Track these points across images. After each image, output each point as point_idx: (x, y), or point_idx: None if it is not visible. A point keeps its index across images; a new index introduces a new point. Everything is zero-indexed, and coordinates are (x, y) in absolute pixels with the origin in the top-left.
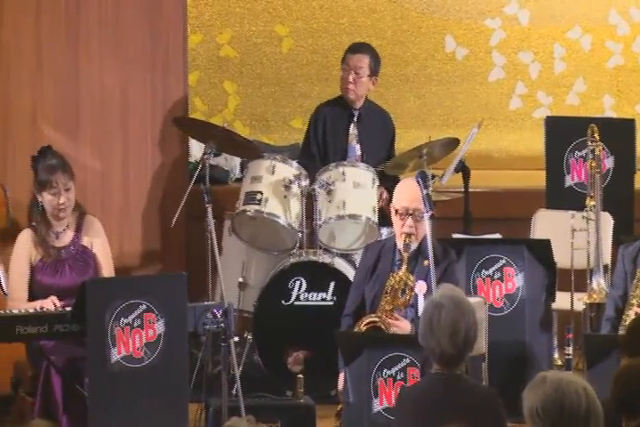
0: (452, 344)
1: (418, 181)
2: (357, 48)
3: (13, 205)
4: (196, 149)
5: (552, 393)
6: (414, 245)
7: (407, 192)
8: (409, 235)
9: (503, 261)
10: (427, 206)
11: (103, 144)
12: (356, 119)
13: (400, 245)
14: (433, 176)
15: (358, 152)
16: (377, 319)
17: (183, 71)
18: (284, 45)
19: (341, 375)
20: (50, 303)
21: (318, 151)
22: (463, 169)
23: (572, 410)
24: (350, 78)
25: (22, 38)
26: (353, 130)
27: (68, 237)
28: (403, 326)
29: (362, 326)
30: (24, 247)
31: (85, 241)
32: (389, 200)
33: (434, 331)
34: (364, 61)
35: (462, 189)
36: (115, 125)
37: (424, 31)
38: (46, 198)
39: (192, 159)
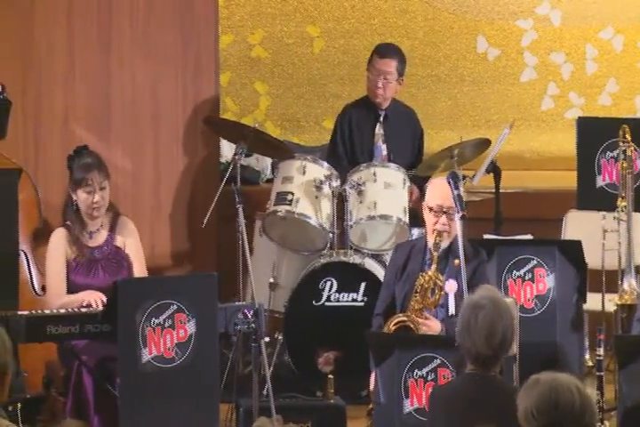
0: (487, 346)
1: (449, 182)
2: (385, 52)
3: (45, 205)
4: (227, 149)
5: (546, 393)
6: (445, 244)
7: (441, 190)
8: (440, 233)
9: (534, 262)
10: (458, 207)
11: (134, 145)
12: (382, 119)
13: (430, 244)
14: (464, 177)
15: (384, 152)
16: (406, 319)
17: (214, 72)
18: (315, 46)
19: (372, 376)
20: (96, 297)
21: (345, 152)
22: (494, 170)
23: (567, 407)
24: (379, 84)
25: (54, 40)
26: (379, 130)
27: (101, 238)
28: (433, 326)
29: (391, 326)
30: (59, 245)
31: (119, 241)
32: (421, 198)
33: (470, 331)
34: (391, 66)
35: (493, 190)
36: (146, 126)
37: (456, 32)
38: (81, 197)
39: (223, 160)
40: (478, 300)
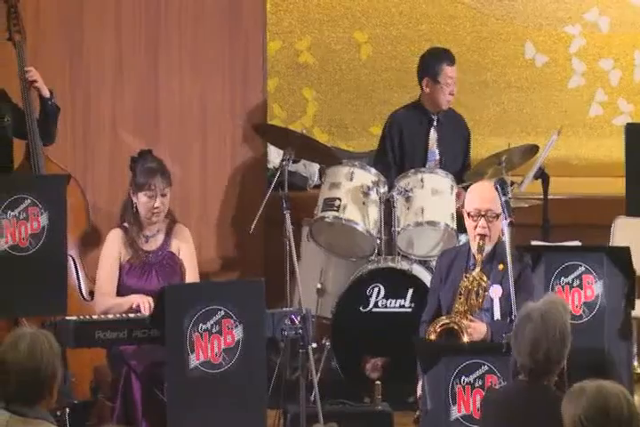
0: (530, 360)
1: (496, 188)
2: (453, 59)
3: (92, 210)
4: (275, 155)
5: (594, 400)
6: (488, 248)
7: (478, 194)
8: (482, 237)
9: (582, 269)
10: (505, 213)
11: (182, 151)
12: (435, 123)
13: (474, 248)
14: (512, 183)
15: (437, 156)
16: (449, 321)
17: (262, 78)
18: (362, 52)
19: (419, 382)
20: (144, 301)
21: (394, 158)
22: (542, 176)
23: (617, 414)
24: (453, 91)
25: (103, 48)
26: (433, 134)
27: (157, 242)
28: (478, 327)
29: (436, 328)
30: (113, 245)
31: (174, 247)
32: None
33: (517, 341)
34: (456, 71)
35: (541, 196)
36: (193, 132)
37: (504, 38)
38: (141, 200)
39: (271, 166)
40: (530, 311)
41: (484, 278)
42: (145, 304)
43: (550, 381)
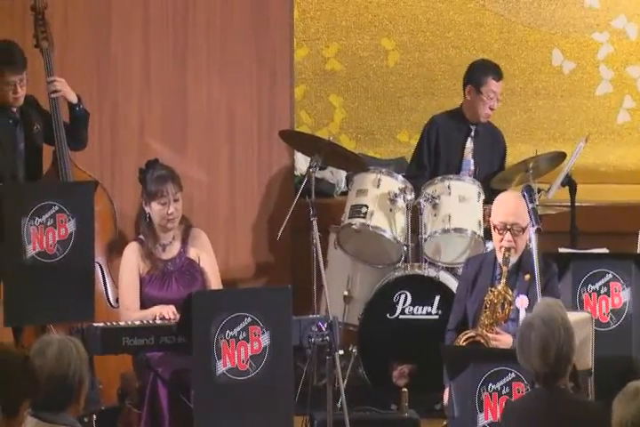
0: (543, 363)
1: (524, 195)
2: (501, 74)
3: (120, 217)
4: (302, 162)
5: None
6: (514, 259)
7: (504, 207)
8: (508, 249)
9: (610, 276)
10: (532, 220)
11: (210, 158)
12: (473, 133)
13: (500, 259)
14: (539, 190)
15: (472, 167)
16: (474, 334)
17: (289, 85)
18: (390, 59)
19: (446, 389)
20: (168, 310)
21: (429, 162)
22: (570, 183)
23: None
24: (495, 106)
25: (130, 55)
26: (469, 144)
27: (174, 250)
28: (504, 340)
29: (461, 342)
30: (131, 259)
31: (192, 254)
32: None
33: (524, 351)
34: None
35: (569, 204)
36: (221, 139)
37: (531, 45)
38: (155, 208)
39: (298, 172)
40: (530, 320)
41: (510, 292)
42: (169, 314)
43: (566, 384)
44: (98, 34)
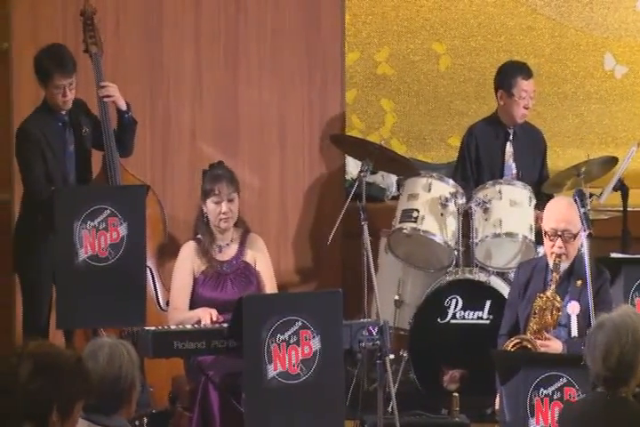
0: (604, 367)
1: (575, 200)
2: (529, 72)
3: (170, 220)
4: (353, 166)
5: None
6: (565, 265)
7: (555, 213)
8: (559, 255)
9: None
10: (584, 225)
11: (261, 162)
12: (511, 137)
13: (551, 265)
14: (591, 195)
15: (514, 170)
16: (521, 340)
17: (341, 89)
18: (441, 63)
19: (498, 394)
20: (207, 314)
21: (471, 171)
22: (622, 188)
23: None
24: (528, 105)
25: (182, 59)
26: (509, 148)
27: (231, 252)
28: (553, 346)
29: (509, 348)
30: (187, 259)
31: (248, 257)
32: None
33: (590, 351)
34: (533, 84)
35: (621, 208)
36: (272, 143)
37: (583, 49)
38: (209, 206)
39: (349, 177)
40: (602, 321)
41: (558, 298)
42: (208, 318)
43: (628, 393)
44: (149, 39)
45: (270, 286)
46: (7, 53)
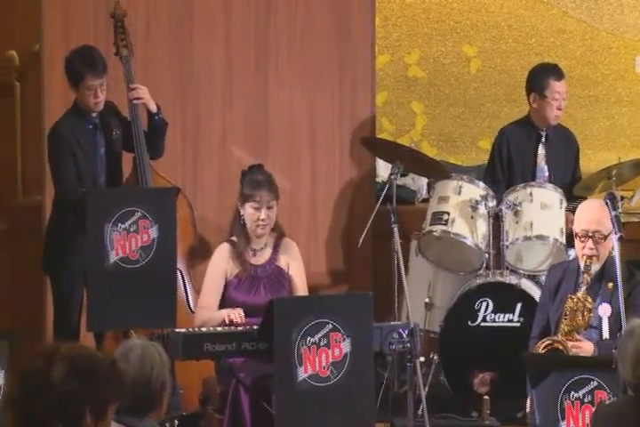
0: (632, 374)
1: (606, 203)
2: (561, 73)
3: (200, 222)
4: (383, 169)
5: None
6: (596, 267)
7: (586, 214)
8: (590, 257)
9: None
10: (615, 228)
11: (291, 165)
12: (544, 139)
13: (582, 266)
14: (622, 198)
15: (546, 173)
16: (552, 342)
17: (371, 91)
18: (472, 66)
19: (529, 397)
20: (236, 314)
21: (502, 173)
22: None
23: None
24: (561, 106)
25: (212, 62)
26: (541, 150)
27: (265, 256)
28: (584, 347)
29: (540, 349)
30: (221, 260)
31: (282, 262)
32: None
33: (621, 357)
34: (566, 85)
35: None
36: (303, 146)
37: (614, 52)
38: (248, 211)
39: (379, 179)
40: (633, 327)
41: (589, 299)
42: (236, 318)
43: None
44: (180, 41)
45: (302, 292)
46: (38, 55)
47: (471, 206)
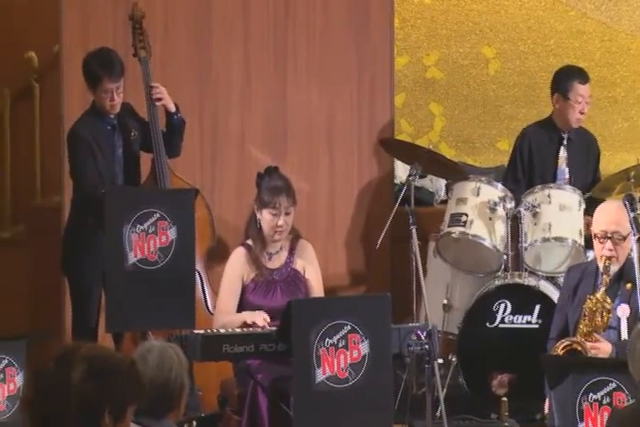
0: None
1: (625, 204)
2: (586, 77)
3: (219, 224)
4: (402, 170)
5: None
6: (615, 268)
7: (605, 215)
8: (609, 258)
9: None
10: (634, 229)
11: (310, 165)
12: (565, 142)
13: (601, 267)
14: None
15: (567, 175)
16: (571, 342)
17: (390, 93)
18: (490, 67)
19: (547, 399)
20: (259, 317)
21: (523, 173)
22: None
23: None
24: (585, 109)
25: (230, 63)
26: (563, 153)
27: (281, 259)
28: (603, 348)
29: (559, 350)
30: (238, 264)
31: (298, 265)
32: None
33: (631, 360)
34: (590, 89)
35: None
36: (321, 147)
37: (633, 53)
38: (265, 217)
39: (397, 181)
40: None
41: (608, 300)
42: (260, 321)
43: None
44: (198, 43)
45: (318, 294)
46: (57, 57)
47: (489, 208)
